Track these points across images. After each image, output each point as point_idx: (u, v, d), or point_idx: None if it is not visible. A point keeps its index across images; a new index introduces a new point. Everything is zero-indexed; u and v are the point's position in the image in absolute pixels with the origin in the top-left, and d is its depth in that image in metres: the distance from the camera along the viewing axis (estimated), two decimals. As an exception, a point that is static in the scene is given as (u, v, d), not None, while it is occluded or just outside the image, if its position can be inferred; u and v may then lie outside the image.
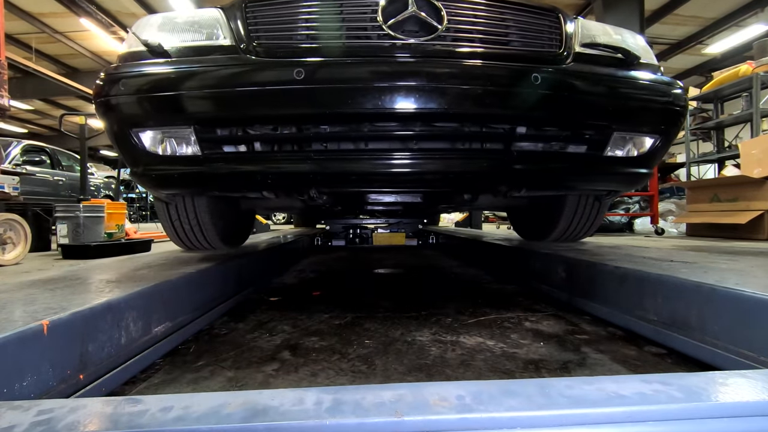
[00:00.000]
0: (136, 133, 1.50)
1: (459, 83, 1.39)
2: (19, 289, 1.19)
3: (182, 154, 1.52)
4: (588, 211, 2.53)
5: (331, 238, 5.12)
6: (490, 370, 1.07)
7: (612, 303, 1.47)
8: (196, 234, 2.35)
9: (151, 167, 1.57)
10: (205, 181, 1.62)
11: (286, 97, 1.38)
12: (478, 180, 1.79)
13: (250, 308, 1.80)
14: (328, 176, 1.57)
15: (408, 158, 1.47)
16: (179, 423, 0.51)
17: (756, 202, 4.81)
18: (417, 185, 2.02)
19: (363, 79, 1.37)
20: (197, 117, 1.45)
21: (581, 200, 2.46)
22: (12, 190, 4.33)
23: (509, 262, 2.55)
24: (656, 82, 1.61)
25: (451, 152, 1.58)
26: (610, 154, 1.63)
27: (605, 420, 0.53)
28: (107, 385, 0.95)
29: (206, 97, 1.43)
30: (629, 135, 1.65)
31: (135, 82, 1.44)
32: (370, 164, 1.47)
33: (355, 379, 1.03)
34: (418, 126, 1.47)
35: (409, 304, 1.84)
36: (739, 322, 0.98)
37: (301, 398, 0.56)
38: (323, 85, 1.37)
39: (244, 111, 1.43)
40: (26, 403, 0.57)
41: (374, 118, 1.45)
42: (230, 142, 1.56)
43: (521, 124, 1.52)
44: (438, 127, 1.54)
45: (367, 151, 1.52)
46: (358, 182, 1.73)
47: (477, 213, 7.12)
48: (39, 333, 0.79)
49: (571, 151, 1.64)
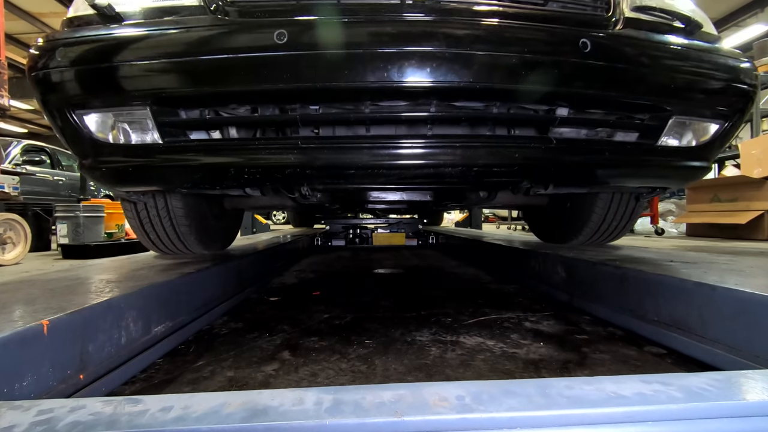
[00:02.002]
0: (80, 116, 1.23)
1: (487, 49, 1.10)
2: (19, 289, 1.19)
3: (138, 142, 1.25)
4: (622, 211, 2.20)
5: (331, 238, 5.13)
6: (490, 370, 1.07)
7: (612, 303, 1.47)
8: (171, 237, 2.06)
9: (101, 159, 1.29)
10: (168, 176, 1.35)
11: (264, 68, 1.10)
12: (506, 174, 1.48)
13: (250, 308, 1.80)
14: (319, 170, 1.29)
15: (420, 147, 1.20)
16: (179, 423, 0.51)
17: (756, 202, 4.82)
18: (429, 181, 1.73)
19: (363, 44, 1.08)
20: (154, 94, 1.17)
21: (615, 198, 2.15)
22: (12, 190, 4.34)
23: (509, 262, 2.55)
24: (722, 55, 1.31)
25: (475, 140, 1.28)
26: (664, 143, 1.36)
27: (605, 420, 0.53)
28: (107, 385, 0.95)
29: (164, 70, 1.14)
30: (689, 120, 1.36)
31: (76, 52, 1.16)
32: (372, 155, 1.20)
33: (355, 379, 1.03)
34: (434, 106, 1.20)
35: (409, 304, 1.84)
36: (739, 322, 0.98)
37: (301, 398, 0.56)
38: (311, 51, 1.08)
39: (213, 86, 1.14)
40: (26, 403, 0.57)
41: (377, 94, 1.19)
42: (197, 126, 1.31)
43: (563, 104, 1.27)
44: (459, 107, 1.26)
45: (369, 138, 1.25)
46: (358, 177, 1.42)
47: (477, 213, 7.11)
48: (39, 333, 0.79)
49: (618, 139, 1.39)
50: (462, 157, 1.22)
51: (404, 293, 2.18)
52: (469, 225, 6.86)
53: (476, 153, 1.23)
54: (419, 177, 1.48)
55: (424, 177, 1.47)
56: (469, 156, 1.22)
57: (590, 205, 2.21)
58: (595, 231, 2.30)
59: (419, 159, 1.21)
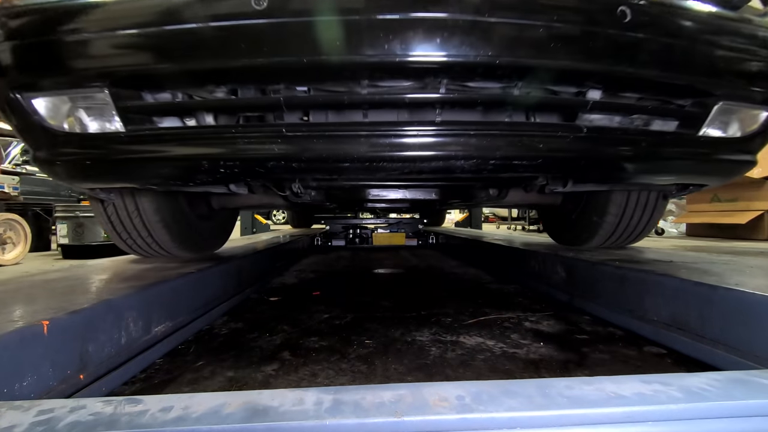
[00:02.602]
0: (28, 99, 1.06)
1: (510, 17, 0.92)
2: (19, 288, 1.19)
3: (98, 131, 1.07)
4: (641, 211, 2.00)
5: (331, 238, 5.14)
6: (490, 370, 1.07)
7: (612, 303, 1.47)
8: (145, 240, 1.87)
9: (56, 151, 1.12)
10: (133, 171, 1.17)
11: (239, 40, 0.92)
12: (527, 169, 1.28)
13: (250, 308, 1.80)
14: (309, 163, 1.11)
15: (427, 136, 1.03)
16: (179, 423, 0.51)
17: (756, 202, 4.82)
18: (436, 177, 1.53)
19: (359, 10, 0.90)
20: (113, 73, 0.99)
21: (632, 196, 1.96)
22: (12, 190, 4.34)
23: (509, 262, 2.55)
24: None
25: (493, 128, 1.10)
26: (707, 133, 1.19)
27: (605, 420, 0.53)
28: (107, 385, 0.95)
29: (123, 43, 0.96)
30: (737, 106, 1.18)
31: (17, 22, 0.98)
32: (371, 145, 1.04)
33: (355, 379, 1.03)
34: (444, 86, 1.02)
35: (409, 304, 1.84)
36: (739, 322, 0.98)
37: (301, 398, 0.56)
38: (297, 18, 0.90)
39: (180, 63, 0.97)
40: (26, 403, 0.57)
41: (377, 72, 1.01)
42: (164, 112, 1.14)
43: (596, 85, 1.09)
44: (473, 88, 1.08)
45: (366, 126, 1.07)
46: (354, 172, 1.26)
47: (477, 213, 7.12)
48: (39, 333, 0.79)
49: (656, 128, 1.21)
50: (477, 148, 1.05)
51: (404, 293, 2.18)
52: (469, 225, 6.86)
53: (494, 143, 1.05)
54: (425, 172, 1.28)
55: (431, 172, 1.28)
56: (485, 147, 1.05)
57: (604, 205, 2.02)
58: (610, 233, 2.10)
59: (426, 150, 1.05)
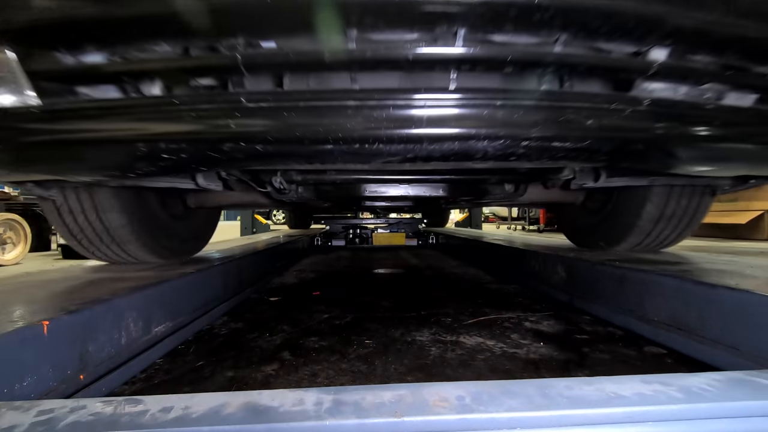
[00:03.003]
0: None
1: None
2: (19, 288, 1.19)
3: (5, 105, 0.80)
4: (683, 210, 1.74)
5: (331, 238, 5.14)
6: (490, 370, 1.07)
7: (612, 303, 1.47)
8: (108, 243, 1.62)
9: None
10: (53, 157, 0.91)
11: None
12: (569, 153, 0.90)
13: (250, 308, 1.80)
14: (277, 145, 0.82)
15: (441, 105, 0.78)
16: (179, 423, 0.51)
17: (756, 202, 4.82)
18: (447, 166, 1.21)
19: None
20: (14, 24, 0.72)
21: (674, 192, 1.70)
22: (12, 189, 4.33)
23: (509, 262, 2.55)
24: None
25: (528, 97, 0.80)
26: None
27: (605, 420, 0.53)
28: (107, 385, 0.95)
29: None
30: None
31: None
32: (362, 120, 0.78)
33: (355, 379, 1.03)
34: (462, 37, 0.73)
35: (409, 304, 1.84)
36: (739, 322, 0.98)
37: (301, 399, 0.56)
38: None
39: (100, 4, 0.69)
40: (26, 403, 0.57)
41: (366, 15, 0.69)
42: (89, 77, 0.84)
43: (663, 41, 0.78)
44: (500, 44, 0.77)
45: (356, 95, 0.80)
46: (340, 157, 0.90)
47: (477, 212, 7.12)
48: (39, 333, 0.79)
49: (730, 103, 0.91)
50: (507, 125, 0.79)
51: (404, 293, 2.18)
52: (470, 225, 6.87)
53: (530, 118, 0.80)
54: (435, 157, 0.91)
55: (441, 157, 0.91)
56: (518, 123, 0.79)
57: (640, 203, 1.75)
58: (645, 235, 1.85)
59: (437, 126, 0.78)
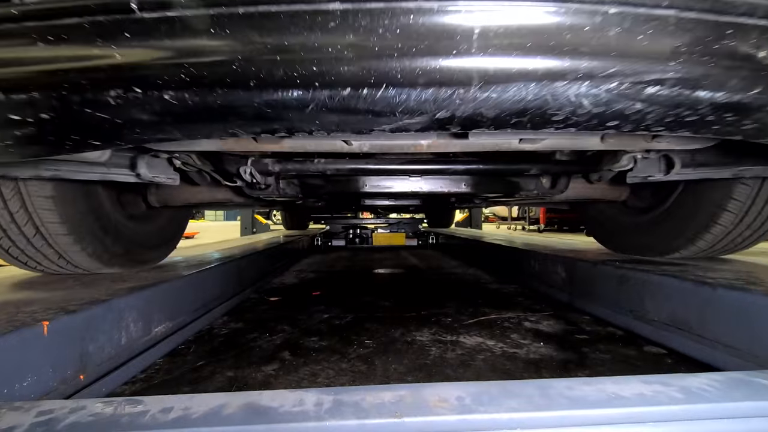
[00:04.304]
0: None
1: None
2: (18, 289, 1.19)
3: None
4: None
5: (331, 238, 5.14)
6: (490, 370, 1.07)
7: (612, 303, 1.47)
8: (43, 251, 1.31)
9: None
10: None
11: None
12: (707, 118, 0.59)
13: (250, 308, 1.80)
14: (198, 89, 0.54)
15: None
16: (179, 424, 0.51)
17: None
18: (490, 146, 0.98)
19: None
20: None
21: (764, 188, 1.40)
22: (12, 189, 4.33)
23: (509, 262, 2.55)
24: None
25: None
26: None
27: (605, 421, 0.53)
28: (107, 386, 0.95)
29: None
30: None
31: None
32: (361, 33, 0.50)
33: (356, 380, 1.03)
34: None
35: (409, 304, 1.84)
36: (739, 322, 0.98)
37: (301, 399, 0.56)
38: None
39: None
40: (26, 403, 0.57)
41: None
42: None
43: None
44: None
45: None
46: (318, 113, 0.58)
47: (477, 212, 7.11)
48: (39, 333, 0.79)
49: None
50: (629, 51, 0.52)
51: (404, 293, 2.18)
52: (470, 225, 6.87)
53: (667, 40, 0.52)
54: (486, 121, 0.60)
55: (498, 120, 0.60)
56: (647, 49, 0.52)
57: (720, 200, 1.46)
58: (720, 238, 1.53)
59: (501, 51, 0.51)
